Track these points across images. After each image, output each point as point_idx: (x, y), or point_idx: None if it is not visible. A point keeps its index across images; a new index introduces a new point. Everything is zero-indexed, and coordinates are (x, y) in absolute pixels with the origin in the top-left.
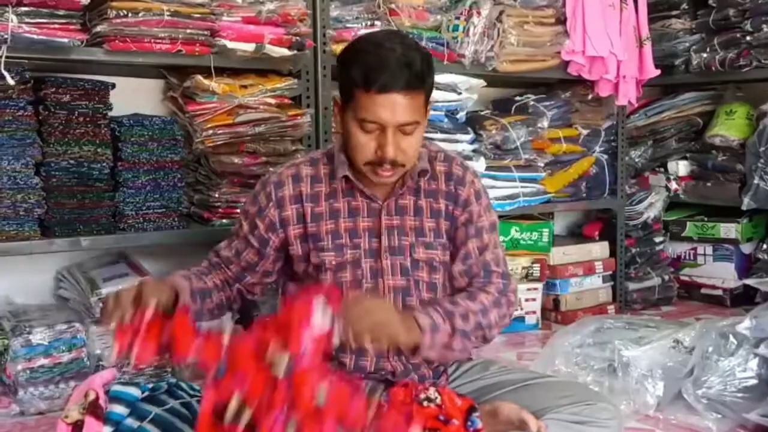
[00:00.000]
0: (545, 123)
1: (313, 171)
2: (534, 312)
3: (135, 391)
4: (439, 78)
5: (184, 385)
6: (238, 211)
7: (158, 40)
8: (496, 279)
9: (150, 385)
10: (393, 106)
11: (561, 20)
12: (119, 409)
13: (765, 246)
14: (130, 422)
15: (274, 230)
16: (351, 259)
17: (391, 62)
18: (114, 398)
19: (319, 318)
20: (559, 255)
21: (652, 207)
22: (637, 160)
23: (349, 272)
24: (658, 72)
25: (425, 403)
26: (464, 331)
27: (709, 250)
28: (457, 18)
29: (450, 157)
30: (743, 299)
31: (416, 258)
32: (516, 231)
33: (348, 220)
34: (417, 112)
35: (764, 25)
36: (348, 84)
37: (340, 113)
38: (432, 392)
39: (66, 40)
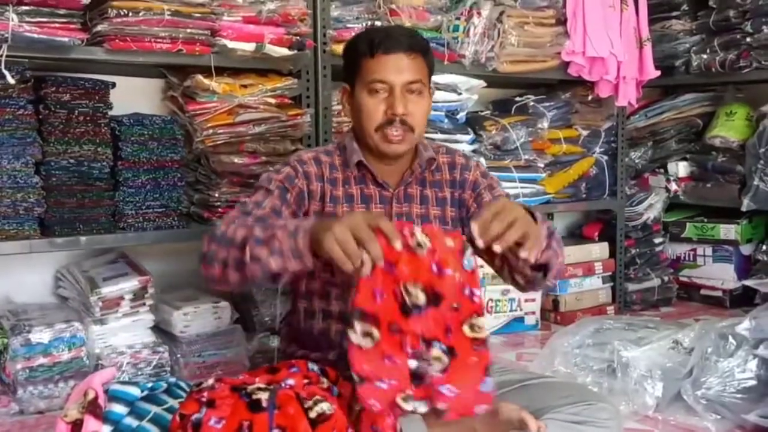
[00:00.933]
0: (545, 124)
1: (330, 159)
2: (533, 312)
3: (134, 390)
4: (439, 78)
5: (182, 384)
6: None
7: (159, 40)
8: None
9: (149, 385)
10: (398, 66)
11: (561, 21)
12: (118, 408)
13: (764, 247)
14: (129, 421)
15: (302, 200)
16: None
17: (395, 30)
18: (113, 397)
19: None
20: None
21: (651, 208)
22: (637, 161)
23: None
24: (658, 73)
25: (417, 251)
26: (557, 237)
27: (709, 251)
28: (458, 18)
29: (452, 149)
30: (743, 300)
31: None
32: None
33: (361, 206)
34: (421, 73)
35: (764, 27)
36: (355, 58)
37: (350, 98)
38: (420, 236)
39: (66, 39)
